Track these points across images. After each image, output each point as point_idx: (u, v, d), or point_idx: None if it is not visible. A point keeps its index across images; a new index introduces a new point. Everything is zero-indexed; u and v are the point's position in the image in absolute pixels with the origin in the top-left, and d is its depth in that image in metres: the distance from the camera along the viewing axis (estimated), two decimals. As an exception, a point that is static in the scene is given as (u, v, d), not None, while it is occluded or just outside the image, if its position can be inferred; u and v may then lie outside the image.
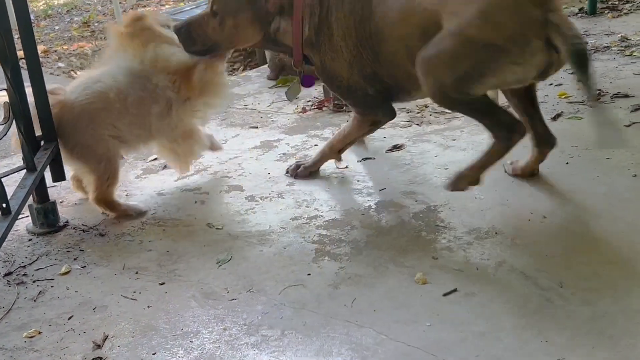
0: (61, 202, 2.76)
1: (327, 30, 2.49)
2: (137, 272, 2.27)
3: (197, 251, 2.36)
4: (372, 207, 2.52)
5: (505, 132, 2.27)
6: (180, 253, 2.36)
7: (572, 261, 2.09)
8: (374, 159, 2.91)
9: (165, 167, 3.03)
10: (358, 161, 2.89)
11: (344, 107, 3.46)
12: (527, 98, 2.46)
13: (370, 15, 2.41)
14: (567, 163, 2.64)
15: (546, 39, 2.12)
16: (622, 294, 1.94)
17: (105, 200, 2.63)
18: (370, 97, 2.55)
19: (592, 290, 1.96)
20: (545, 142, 2.50)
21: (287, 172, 2.82)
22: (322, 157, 2.79)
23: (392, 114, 2.62)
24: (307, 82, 2.78)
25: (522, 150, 2.69)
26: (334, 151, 2.77)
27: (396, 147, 2.97)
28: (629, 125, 2.89)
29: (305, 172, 2.78)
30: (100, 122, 2.57)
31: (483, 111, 2.28)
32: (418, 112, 3.32)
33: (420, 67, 2.26)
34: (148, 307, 2.09)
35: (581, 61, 2.07)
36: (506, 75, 2.19)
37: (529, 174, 2.59)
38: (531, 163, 2.55)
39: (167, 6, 6.47)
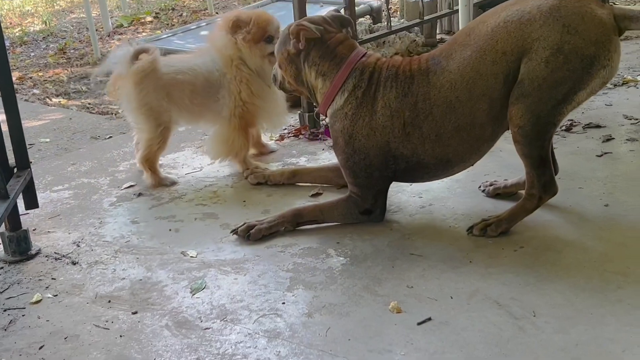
0: (34, 230, 2.73)
1: (370, 108, 2.47)
2: (109, 301, 2.25)
3: (171, 279, 2.34)
4: (347, 235, 2.52)
5: (541, 191, 2.36)
6: (153, 281, 2.34)
7: (546, 289, 2.11)
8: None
9: (140, 194, 3.01)
10: (337, 189, 2.89)
11: (320, 136, 3.48)
12: None
13: (428, 91, 2.41)
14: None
15: (619, 32, 2.28)
16: (595, 322, 1.95)
17: (150, 161, 3.04)
18: (381, 181, 2.53)
19: (565, 319, 1.97)
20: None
21: (234, 232, 2.57)
22: (280, 223, 2.58)
23: (384, 210, 2.58)
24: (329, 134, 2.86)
25: (502, 172, 2.72)
26: (295, 223, 2.59)
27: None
28: (601, 156, 2.92)
29: (259, 235, 2.53)
30: (183, 99, 3.02)
31: (544, 159, 2.33)
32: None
33: (519, 104, 2.28)
34: (120, 336, 2.06)
35: None
36: (595, 83, 2.28)
37: (510, 194, 2.65)
38: (520, 185, 2.58)
39: (143, 34, 6.48)
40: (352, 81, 2.49)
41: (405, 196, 2.76)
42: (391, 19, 4.16)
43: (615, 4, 5.33)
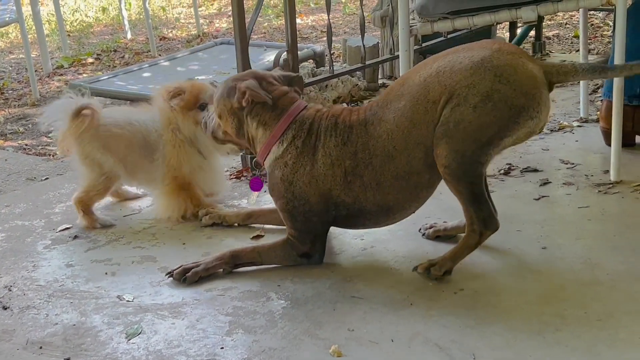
0: (-37, 274, 2.64)
1: (311, 157, 2.47)
2: (41, 347, 2.17)
3: (106, 324, 2.28)
4: (289, 277, 2.50)
5: (481, 226, 2.36)
6: (87, 327, 2.27)
7: (485, 332, 2.11)
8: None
9: (76, 237, 2.94)
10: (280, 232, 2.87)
11: (263, 178, 3.45)
12: None
13: (367, 141, 2.42)
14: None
15: (549, 86, 2.33)
16: (534, 364, 1.96)
17: (85, 204, 3.02)
18: (320, 225, 2.52)
19: (505, 362, 1.97)
20: None
21: (169, 275, 2.54)
22: (217, 265, 2.55)
23: (323, 253, 2.56)
24: (256, 186, 2.86)
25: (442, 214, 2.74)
26: (234, 264, 2.56)
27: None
28: (538, 199, 2.97)
29: (195, 277, 2.51)
30: (118, 152, 3.02)
31: (478, 195, 2.33)
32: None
33: (443, 145, 2.29)
34: (51, 384, 1.99)
35: (598, 70, 2.41)
36: (522, 132, 2.30)
37: (449, 236, 2.67)
38: (460, 228, 2.60)
39: (84, 75, 6.41)
40: (292, 132, 2.49)
41: (347, 238, 2.75)
42: (334, 63, 4.20)
43: (550, 52, 5.49)
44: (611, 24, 6.03)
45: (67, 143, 3.03)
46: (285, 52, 3.75)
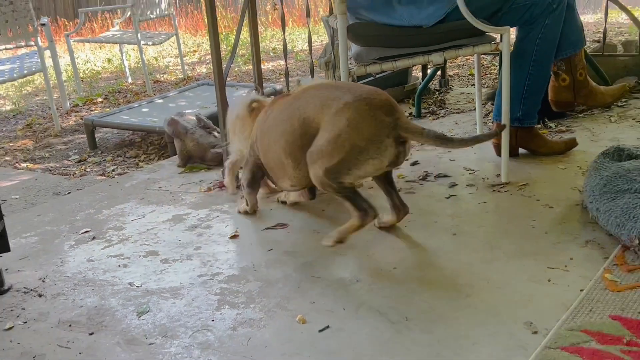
0: (6, 270, 2.55)
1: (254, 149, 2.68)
2: (70, 325, 2.12)
3: (121, 305, 2.23)
4: (262, 264, 2.48)
5: (362, 213, 2.37)
6: (106, 308, 2.22)
7: (415, 299, 2.12)
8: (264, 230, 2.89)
9: (94, 238, 2.88)
10: (262, 230, 2.84)
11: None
12: (386, 179, 2.58)
13: (267, 122, 2.59)
14: (405, 226, 2.71)
15: (395, 138, 2.28)
16: (452, 323, 1.98)
17: (235, 168, 3.06)
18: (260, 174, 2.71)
19: (430, 322, 1.99)
20: (400, 209, 2.61)
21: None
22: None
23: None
24: None
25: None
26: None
27: (279, 225, 2.93)
28: (449, 197, 3.01)
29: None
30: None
31: (350, 197, 2.35)
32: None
33: (307, 161, 2.35)
34: (80, 353, 1.94)
35: (441, 139, 2.30)
36: (367, 167, 2.29)
37: (390, 226, 2.67)
38: (390, 222, 2.63)
39: (95, 111, 6.27)
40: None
41: (305, 234, 2.74)
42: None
43: (453, 87, 5.57)
44: (497, 64, 6.15)
45: (234, 125, 2.97)
46: (254, 90, 3.73)
